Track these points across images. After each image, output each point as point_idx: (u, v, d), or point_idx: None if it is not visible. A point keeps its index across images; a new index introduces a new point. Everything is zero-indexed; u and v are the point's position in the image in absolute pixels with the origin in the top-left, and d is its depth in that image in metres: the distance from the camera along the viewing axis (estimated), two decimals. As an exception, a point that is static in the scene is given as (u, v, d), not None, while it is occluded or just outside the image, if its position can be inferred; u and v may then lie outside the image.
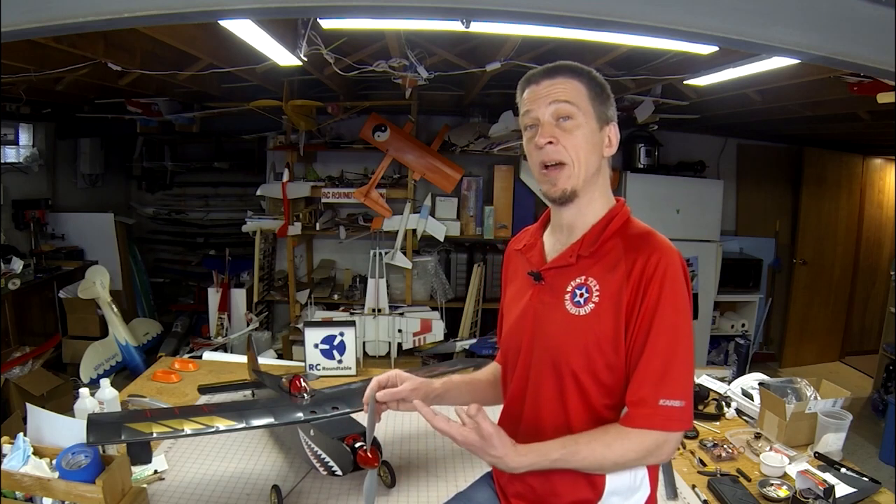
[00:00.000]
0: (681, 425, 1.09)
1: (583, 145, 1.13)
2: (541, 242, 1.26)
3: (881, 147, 5.13)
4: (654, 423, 1.07)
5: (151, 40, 2.62)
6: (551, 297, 1.17)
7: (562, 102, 1.12)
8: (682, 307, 1.09)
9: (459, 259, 4.54)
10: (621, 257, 1.11)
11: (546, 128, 1.13)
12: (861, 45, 0.86)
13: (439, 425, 1.05)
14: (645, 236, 1.14)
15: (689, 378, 1.10)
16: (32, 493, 1.51)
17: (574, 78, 1.14)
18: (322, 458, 1.71)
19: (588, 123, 1.13)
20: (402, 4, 1.00)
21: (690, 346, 1.10)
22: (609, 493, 1.14)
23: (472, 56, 3.09)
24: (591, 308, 1.11)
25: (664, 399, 1.06)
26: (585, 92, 1.14)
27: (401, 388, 1.21)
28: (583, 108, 1.13)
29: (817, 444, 1.96)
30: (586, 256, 1.15)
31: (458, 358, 4.04)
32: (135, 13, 0.86)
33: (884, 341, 4.44)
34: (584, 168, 1.13)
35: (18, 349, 3.80)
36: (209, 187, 5.97)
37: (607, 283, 1.11)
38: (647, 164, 4.59)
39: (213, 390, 2.37)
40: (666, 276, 1.07)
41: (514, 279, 1.32)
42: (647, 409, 1.07)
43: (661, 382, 1.06)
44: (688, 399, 1.08)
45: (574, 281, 1.15)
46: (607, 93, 1.18)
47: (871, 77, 2.14)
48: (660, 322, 1.07)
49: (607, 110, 1.17)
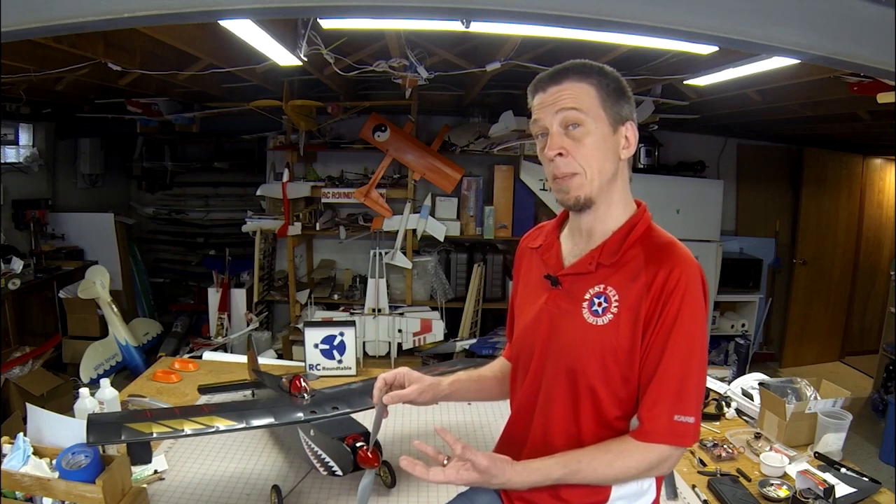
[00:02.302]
0: (691, 441, 1.08)
1: (594, 153, 1.08)
2: (558, 244, 1.22)
3: (881, 147, 5.13)
4: (666, 438, 1.06)
5: (151, 40, 2.62)
6: (568, 304, 1.14)
7: (569, 110, 1.07)
8: (699, 323, 1.07)
9: (459, 259, 4.54)
10: (642, 268, 1.08)
11: (555, 139, 1.08)
12: (861, 45, 0.86)
13: (436, 478, 1.04)
14: (667, 247, 1.10)
15: (701, 394, 1.10)
16: (32, 493, 1.51)
17: (582, 81, 1.08)
18: (322, 458, 1.71)
19: (599, 128, 1.08)
20: (402, 4, 1.00)
21: (704, 362, 1.09)
22: (615, 498, 1.14)
23: (472, 56, 3.09)
24: (609, 318, 1.09)
25: (678, 415, 1.05)
26: (595, 95, 1.08)
27: (408, 391, 1.20)
28: (592, 114, 1.07)
29: (817, 444, 1.96)
30: (606, 265, 1.11)
31: (458, 358, 4.04)
32: (135, 13, 0.86)
33: (884, 341, 4.44)
34: (598, 175, 1.09)
35: (18, 349, 3.80)
36: (209, 187, 5.96)
37: (626, 294, 1.08)
38: (647, 164, 4.59)
39: (213, 390, 2.37)
40: (687, 291, 1.05)
41: (528, 277, 1.28)
42: (662, 425, 1.06)
43: (676, 398, 1.06)
44: (698, 415, 1.08)
45: (592, 289, 1.11)
46: (622, 89, 1.11)
47: (871, 77, 2.14)
48: (677, 337, 1.05)
49: (622, 109, 1.10)
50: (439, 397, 1.25)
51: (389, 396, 1.18)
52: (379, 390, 1.20)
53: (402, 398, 1.19)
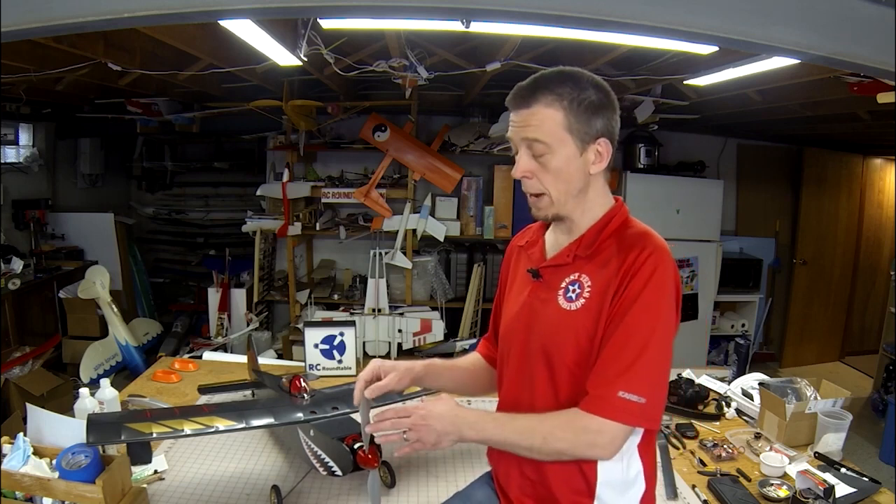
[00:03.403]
0: (636, 421, 1.08)
1: (558, 176, 1.12)
2: (542, 240, 1.27)
3: (881, 147, 5.13)
4: (599, 409, 1.07)
5: (151, 40, 2.62)
6: (546, 294, 1.18)
7: (531, 140, 1.10)
8: (664, 306, 1.08)
9: (459, 259, 4.54)
10: (614, 255, 1.12)
11: (521, 162, 1.13)
12: (861, 45, 0.86)
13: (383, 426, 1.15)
14: (641, 235, 1.13)
15: (657, 376, 1.09)
16: (32, 493, 1.51)
17: (550, 106, 1.08)
18: (322, 459, 1.71)
19: (564, 152, 1.10)
20: (402, 4, 1.01)
21: (667, 345, 1.09)
22: (601, 483, 1.15)
23: (472, 56, 3.09)
24: (581, 303, 1.13)
25: (624, 392, 1.05)
26: (562, 119, 1.08)
27: (387, 381, 1.23)
28: (557, 139, 1.09)
29: (817, 444, 1.96)
30: (583, 256, 1.16)
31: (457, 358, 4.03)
32: (135, 13, 0.86)
33: (884, 341, 4.44)
34: (564, 195, 1.14)
35: (18, 349, 3.80)
36: (209, 187, 5.97)
37: (598, 279, 1.12)
38: (647, 164, 4.59)
39: (213, 390, 2.37)
40: (654, 273, 1.07)
41: (515, 275, 1.33)
42: (603, 397, 1.06)
43: (625, 373, 1.06)
44: (651, 397, 1.06)
45: (568, 278, 1.16)
46: (599, 102, 1.10)
47: (871, 77, 2.14)
48: (638, 312, 1.06)
49: (595, 125, 1.10)
50: (415, 380, 1.29)
51: (370, 390, 1.21)
52: (359, 391, 1.22)
53: (382, 389, 1.21)
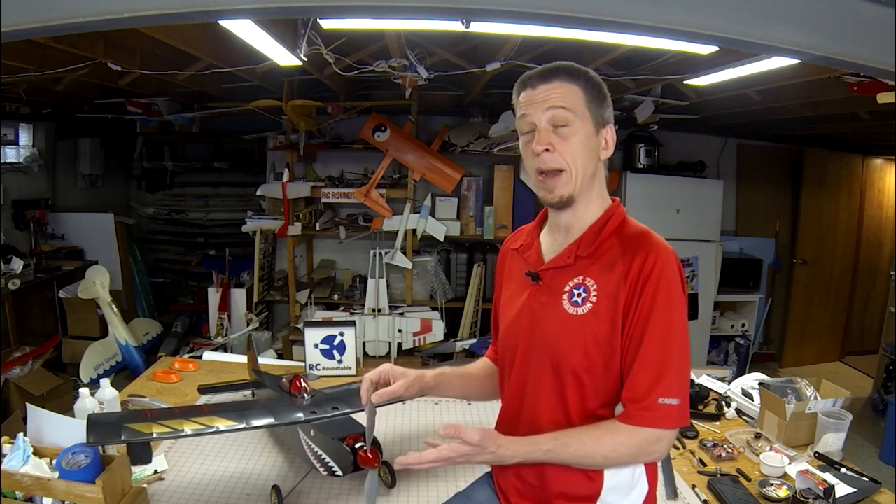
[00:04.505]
0: (677, 422, 1.10)
1: (580, 152, 1.12)
2: (538, 242, 1.26)
3: (881, 147, 5.13)
4: (651, 420, 1.08)
5: (151, 40, 2.61)
6: (549, 297, 1.17)
7: (558, 108, 1.11)
8: (677, 306, 1.10)
9: (459, 259, 4.54)
10: (618, 257, 1.12)
11: (543, 134, 1.12)
12: (861, 45, 0.86)
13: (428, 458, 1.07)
14: (641, 236, 1.14)
15: (684, 376, 1.11)
16: (32, 493, 1.51)
17: (571, 82, 1.13)
18: (322, 459, 1.71)
19: (584, 128, 1.13)
20: (402, 4, 1.01)
21: (686, 345, 1.11)
22: (607, 489, 1.15)
23: (472, 56, 3.09)
24: (588, 308, 1.12)
25: (661, 397, 1.07)
26: (582, 96, 1.13)
27: (395, 388, 1.20)
28: (579, 114, 1.12)
29: (817, 444, 1.96)
30: (584, 257, 1.16)
31: (458, 358, 4.03)
32: (135, 13, 0.86)
33: (884, 341, 4.44)
34: (582, 173, 1.14)
35: (18, 349, 3.80)
36: (209, 187, 5.97)
37: (605, 283, 1.12)
38: (647, 164, 4.59)
39: (213, 390, 2.37)
40: (662, 275, 1.08)
41: (510, 278, 1.32)
42: (646, 408, 1.08)
43: (657, 380, 1.07)
44: (683, 397, 1.09)
45: (572, 281, 1.15)
46: (604, 94, 1.16)
47: (871, 77, 2.14)
48: (656, 321, 1.08)
49: (604, 112, 1.16)
50: (425, 390, 1.27)
51: (377, 395, 1.18)
52: (366, 391, 1.20)
53: (389, 395, 1.19)
